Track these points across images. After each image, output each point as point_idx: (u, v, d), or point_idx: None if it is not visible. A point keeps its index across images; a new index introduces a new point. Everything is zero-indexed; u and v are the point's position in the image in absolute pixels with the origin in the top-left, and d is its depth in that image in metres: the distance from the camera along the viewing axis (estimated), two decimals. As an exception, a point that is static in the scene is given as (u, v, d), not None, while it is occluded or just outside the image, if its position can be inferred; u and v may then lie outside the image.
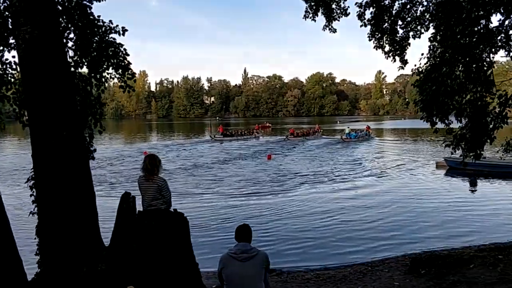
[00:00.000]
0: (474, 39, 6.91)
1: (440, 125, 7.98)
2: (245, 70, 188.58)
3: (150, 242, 5.57)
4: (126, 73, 8.10)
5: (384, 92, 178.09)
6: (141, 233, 5.63)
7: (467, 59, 7.09)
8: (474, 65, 7.31)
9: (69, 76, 6.32)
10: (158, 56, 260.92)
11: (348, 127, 48.02)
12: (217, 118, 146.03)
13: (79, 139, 6.31)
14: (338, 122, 70.28)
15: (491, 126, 7.48)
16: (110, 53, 7.85)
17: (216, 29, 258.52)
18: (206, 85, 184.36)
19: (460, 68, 7.38)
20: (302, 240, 10.59)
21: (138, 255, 5.56)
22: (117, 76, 8.03)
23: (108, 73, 7.97)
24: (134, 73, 8.09)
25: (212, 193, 17.14)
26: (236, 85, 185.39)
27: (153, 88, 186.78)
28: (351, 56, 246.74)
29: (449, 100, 7.46)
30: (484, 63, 7.39)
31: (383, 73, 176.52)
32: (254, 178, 20.90)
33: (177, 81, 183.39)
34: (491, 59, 7.53)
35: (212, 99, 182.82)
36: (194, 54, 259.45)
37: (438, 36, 8.17)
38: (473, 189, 18.15)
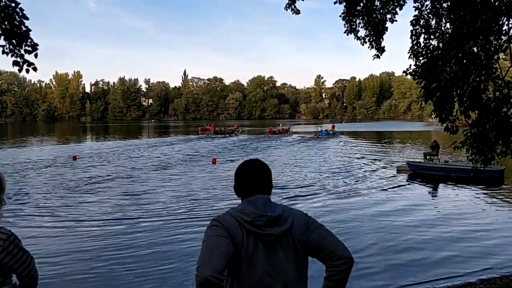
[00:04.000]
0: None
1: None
2: (185, 72, 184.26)
3: None
4: (24, 44, 5.73)
5: (323, 96, 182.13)
6: None
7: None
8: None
9: None
10: (96, 57, 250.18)
11: (320, 127, 57.78)
12: (153, 120, 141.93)
13: None
14: (280, 125, 70.05)
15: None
16: (-1, 15, 5.44)
17: (157, 32, 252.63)
18: (144, 87, 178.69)
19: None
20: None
21: None
22: (10, 47, 5.64)
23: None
24: (36, 45, 5.71)
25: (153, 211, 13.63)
26: (175, 87, 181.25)
27: (88, 90, 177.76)
28: (291, 61, 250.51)
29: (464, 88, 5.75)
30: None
31: (322, 77, 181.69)
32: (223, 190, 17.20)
33: (114, 82, 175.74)
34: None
35: (150, 101, 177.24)
36: (133, 56, 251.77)
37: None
38: (445, 198, 15.38)
